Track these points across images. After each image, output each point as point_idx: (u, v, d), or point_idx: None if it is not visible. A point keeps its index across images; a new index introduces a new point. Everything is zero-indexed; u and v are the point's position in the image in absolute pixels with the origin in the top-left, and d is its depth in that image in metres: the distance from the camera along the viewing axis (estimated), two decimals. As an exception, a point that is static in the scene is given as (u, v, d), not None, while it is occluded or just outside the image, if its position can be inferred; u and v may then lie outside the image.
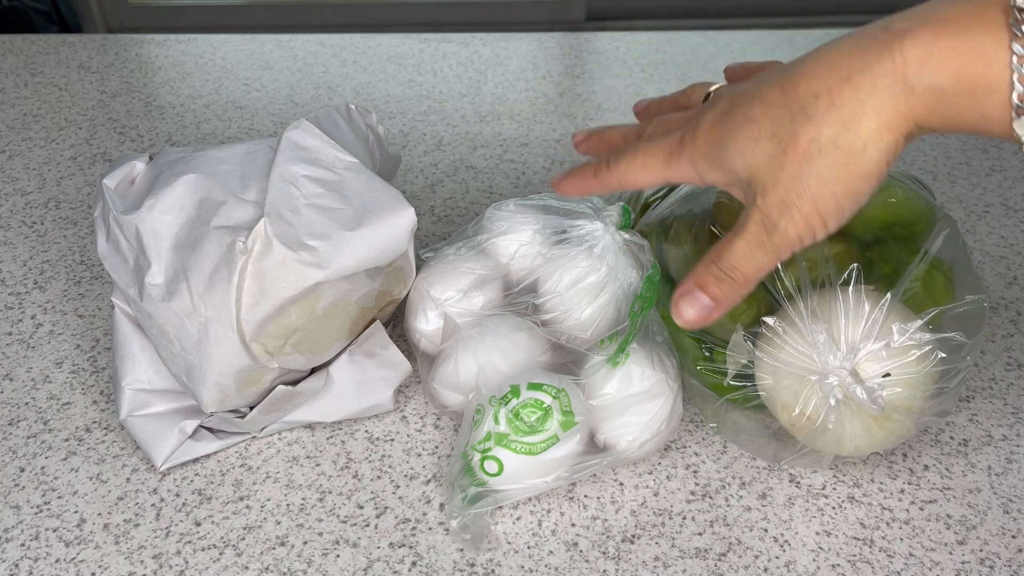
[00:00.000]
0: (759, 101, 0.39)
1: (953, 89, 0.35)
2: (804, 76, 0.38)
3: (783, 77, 0.39)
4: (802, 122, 0.38)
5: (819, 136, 0.37)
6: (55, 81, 0.93)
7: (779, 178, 0.38)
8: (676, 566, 0.48)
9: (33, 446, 0.54)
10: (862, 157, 0.37)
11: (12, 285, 0.66)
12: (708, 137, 0.41)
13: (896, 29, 0.36)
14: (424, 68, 0.95)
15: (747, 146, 0.39)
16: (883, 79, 0.36)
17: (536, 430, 0.48)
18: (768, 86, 0.39)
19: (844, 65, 0.37)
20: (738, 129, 0.40)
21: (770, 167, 0.39)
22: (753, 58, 0.95)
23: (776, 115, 0.38)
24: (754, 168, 0.39)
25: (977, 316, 0.49)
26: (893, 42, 0.36)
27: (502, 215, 0.56)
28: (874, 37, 0.37)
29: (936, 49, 0.35)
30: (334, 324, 0.53)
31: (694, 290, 0.41)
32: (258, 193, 0.52)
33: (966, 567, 0.48)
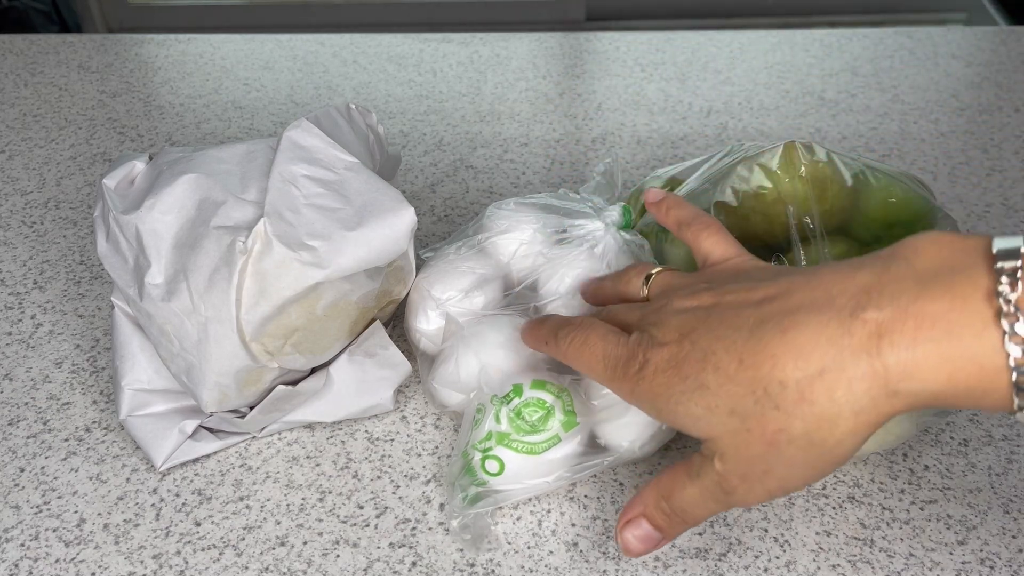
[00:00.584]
0: (713, 368, 0.36)
1: (944, 391, 0.32)
2: (765, 355, 0.34)
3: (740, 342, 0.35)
4: (768, 409, 0.34)
5: (789, 428, 0.34)
6: (55, 81, 0.93)
7: (741, 454, 0.36)
8: (676, 566, 0.48)
9: (33, 446, 0.54)
10: (837, 449, 0.34)
11: (12, 285, 0.66)
12: (654, 384, 0.38)
13: (870, 322, 0.33)
14: (424, 68, 0.95)
15: (701, 414, 0.36)
16: (861, 383, 0.33)
17: (538, 429, 0.48)
18: (723, 347, 0.36)
19: (813, 356, 0.33)
20: (689, 394, 0.36)
21: (731, 441, 0.36)
22: (753, 58, 0.95)
23: (735, 391, 0.35)
24: (711, 435, 0.37)
25: None
26: (869, 342, 0.33)
27: (502, 214, 0.56)
28: (844, 326, 0.33)
29: (920, 355, 0.32)
30: (334, 324, 0.53)
31: (640, 520, 0.40)
32: (258, 193, 0.52)
33: (966, 567, 0.48)
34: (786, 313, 0.35)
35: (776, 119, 0.85)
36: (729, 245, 0.45)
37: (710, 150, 0.73)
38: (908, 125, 0.85)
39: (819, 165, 0.51)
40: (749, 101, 0.88)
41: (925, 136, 0.83)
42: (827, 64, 0.95)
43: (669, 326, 0.39)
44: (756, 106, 0.87)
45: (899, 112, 0.87)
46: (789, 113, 0.86)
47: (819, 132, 0.83)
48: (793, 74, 0.93)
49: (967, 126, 0.85)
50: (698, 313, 0.38)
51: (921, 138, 0.83)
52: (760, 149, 0.53)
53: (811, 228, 0.50)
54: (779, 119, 0.85)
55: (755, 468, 0.36)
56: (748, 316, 0.36)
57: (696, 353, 0.37)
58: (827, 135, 0.83)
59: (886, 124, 0.85)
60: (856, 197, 0.52)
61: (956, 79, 0.92)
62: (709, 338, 0.37)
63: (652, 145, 0.81)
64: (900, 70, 0.94)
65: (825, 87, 0.91)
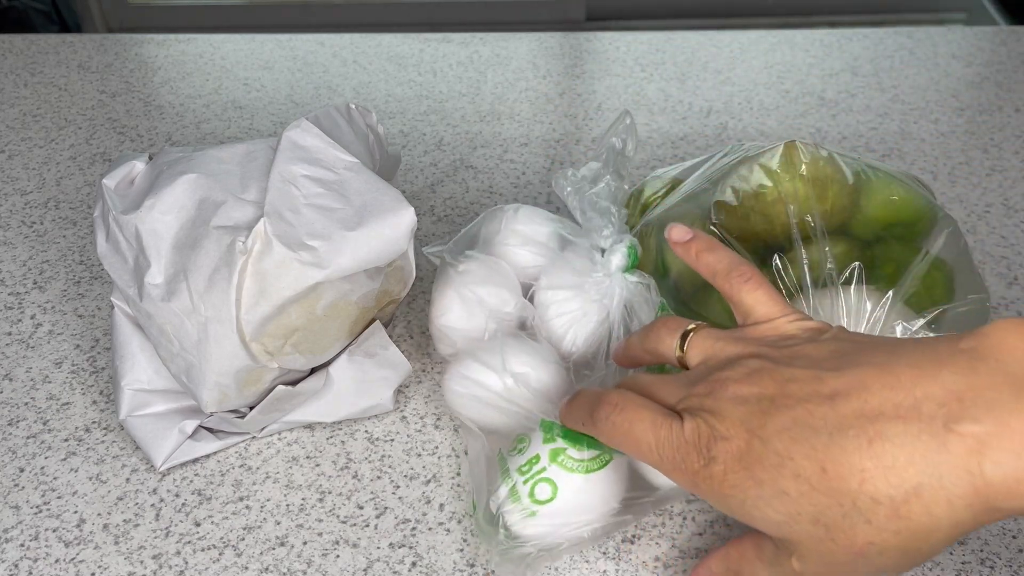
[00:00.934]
0: (792, 474, 0.33)
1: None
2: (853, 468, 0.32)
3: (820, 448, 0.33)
4: (859, 524, 0.32)
5: (882, 542, 0.32)
6: (55, 81, 0.92)
7: (825, 560, 0.34)
8: (676, 566, 0.48)
9: (32, 446, 0.54)
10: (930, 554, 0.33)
11: (12, 285, 0.66)
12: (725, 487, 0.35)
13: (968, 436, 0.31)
14: (424, 68, 0.95)
15: (782, 521, 0.34)
16: (961, 500, 0.31)
17: (591, 444, 0.46)
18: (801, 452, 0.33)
19: (907, 472, 0.31)
20: (767, 500, 0.34)
21: (814, 547, 0.34)
22: (753, 58, 0.95)
23: (820, 501, 0.33)
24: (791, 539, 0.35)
25: (979, 316, 0.49)
26: (969, 459, 0.31)
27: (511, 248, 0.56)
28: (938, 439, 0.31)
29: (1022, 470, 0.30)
30: (334, 324, 0.53)
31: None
32: (258, 193, 0.52)
33: (966, 567, 0.48)
34: (868, 420, 0.33)
35: (776, 119, 0.85)
36: (774, 303, 0.42)
37: (710, 150, 0.73)
38: (908, 125, 0.85)
39: (820, 164, 0.51)
40: (749, 101, 0.88)
41: (925, 136, 0.83)
42: (827, 64, 0.95)
43: (731, 417, 0.36)
44: (756, 106, 0.87)
45: (899, 112, 0.87)
46: (789, 113, 0.86)
47: (819, 132, 0.83)
48: (793, 74, 0.93)
49: (967, 126, 0.85)
50: (762, 404, 0.36)
51: (921, 138, 0.83)
52: (760, 149, 0.53)
53: (812, 227, 0.50)
54: (779, 119, 0.85)
55: (837, 572, 0.34)
56: (823, 416, 0.34)
57: (769, 456, 0.34)
58: (827, 135, 0.83)
59: (886, 124, 0.85)
60: (857, 196, 0.52)
61: (956, 79, 0.92)
62: (783, 439, 0.34)
63: (652, 145, 0.81)
64: (900, 70, 0.94)
65: (825, 87, 0.91)
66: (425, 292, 0.65)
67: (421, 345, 0.61)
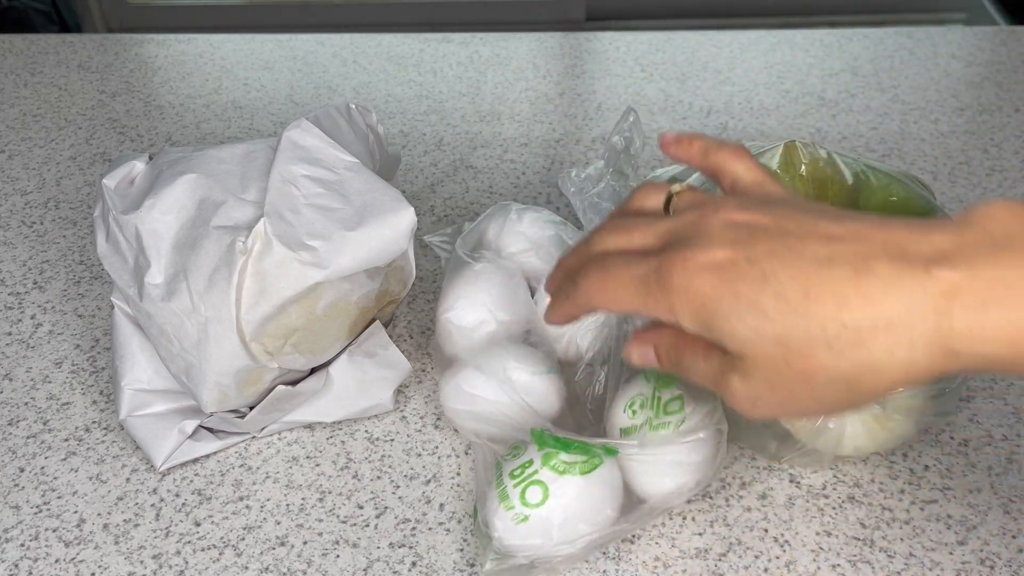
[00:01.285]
0: (774, 291, 0.34)
1: (1003, 356, 0.32)
2: (835, 293, 0.33)
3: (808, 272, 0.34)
4: (819, 348, 0.33)
5: (835, 370, 0.34)
6: (55, 81, 0.92)
7: (768, 378, 0.35)
8: (676, 566, 0.48)
9: (33, 446, 0.54)
10: (868, 396, 0.35)
11: (12, 285, 0.66)
12: (699, 296, 0.35)
13: (943, 281, 0.32)
14: (424, 68, 0.95)
15: (747, 336, 0.35)
16: (923, 340, 0.33)
17: (581, 449, 0.46)
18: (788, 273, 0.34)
19: (884, 305, 0.33)
20: (742, 313, 0.34)
21: (764, 363, 0.35)
22: (753, 58, 0.95)
23: (792, 323, 0.34)
24: (744, 353, 0.35)
25: None
26: (942, 303, 0.32)
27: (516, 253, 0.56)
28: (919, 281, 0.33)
29: (987, 319, 0.32)
30: (334, 324, 0.53)
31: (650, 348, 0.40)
32: (258, 193, 0.52)
33: (966, 567, 0.48)
34: (861, 257, 0.34)
35: (776, 119, 0.85)
36: (762, 171, 0.41)
37: (710, 150, 0.73)
38: (908, 125, 0.85)
39: (819, 164, 0.51)
40: (749, 101, 0.88)
41: (925, 136, 0.83)
42: (827, 64, 0.95)
43: (717, 237, 0.36)
44: (756, 106, 0.87)
45: (899, 112, 0.87)
46: (789, 113, 0.86)
47: (819, 132, 0.83)
48: (793, 74, 0.93)
49: (967, 126, 0.85)
50: (754, 230, 0.36)
51: (921, 138, 0.83)
52: (760, 149, 0.53)
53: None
54: (779, 119, 0.85)
55: (775, 395, 0.35)
56: (817, 249, 0.34)
57: (754, 272, 0.34)
58: (827, 135, 0.83)
59: (886, 124, 0.85)
60: (856, 196, 0.52)
61: (956, 79, 0.92)
62: (771, 260, 0.34)
63: (652, 145, 0.81)
64: (900, 70, 0.94)
65: (825, 87, 0.91)
66: (425, 292, 0.65)
67: (421, 345, 0.61)
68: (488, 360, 0.51)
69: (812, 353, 0.33)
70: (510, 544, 0.45)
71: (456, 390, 0.51)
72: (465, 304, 0.54)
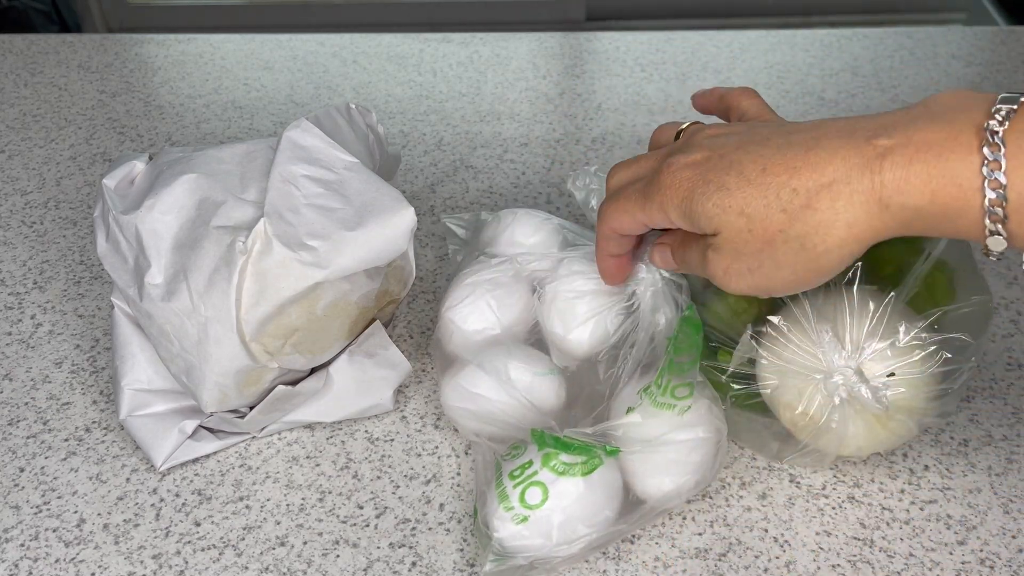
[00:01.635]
0: (737, 171, 0.40)
1: (927, 209, 0.37)
2: (786, 166, 0.39)
3: (767, 155, 0.40)
4: (775, 212, 0.39)
5: (787, 230, 0.39)
6: (55, 81, 0.92)
7: (736, 248, 0.41)
8: (676, 566, 0.48)
9: (33, 446, 0.54)
10: (824, 257, 0.39)
11: (12, 285, 0.66)
12: (678, 189, 0.42)
13: (880, 147, 0.38)
14: (424, 68, 0.95)
15: (714, 212, 0.41)
16: (860, 195, 0.38)
17: (582, 449, 0.46)
18: (749, 158, 0.40)
19: (827, 170, 0.38)
20: (710, 194, 0.41)
21: (733, 236, 0.41)
22: (753, 58, 0.95)
23: (751, 194, 0.40)
24: (717, 230, 0.41)
25: (982, 317, 0.49)
26: (875, 162, 0.37)
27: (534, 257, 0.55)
28: (858, 149, 0.38)
29: (912, 173, 0.37)
30: (334, 324, 0.53)
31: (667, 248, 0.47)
32: (258, 193, 0.52)
33: (966, 567, 0.48)
34: (813, 138, 0.40)
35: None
36: (764, 107, 0.49)
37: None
38: (908, 125, 0.85)
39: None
40: (749, 101, 0.88)
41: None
42: (827, 64, 0.95)
43: (700, 145, 0.43)
44: (756, 106, 0.87)
45: (899, 112, 0.87)
46: (789, 113, 0.86)
47: (819, 132, 0.83)
48: (793, 74, 0.93)
49: (967, 126, 0.85)
50: (730, 138, 0.42)
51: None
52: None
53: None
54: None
55: (742, 263, 0.41)
56: (778, 139, 0.41)
57: (722, 163, 0.41)
58: (827, 135, 0.83)
59: (886, 124, 0.85)
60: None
61: (956, 79, 0.92)
62: (738, 151, 0.41)
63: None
64: (900, 70, 0.94)
65: (825, 87, 0.91)
66: (425, 292, 0.65)
67: (421, 345, 0.61)
68: (489, 359, 0.51)
69: (769, 217, 0.39)
70: (509, 545, 0.45)
71: (457, 389, 0.51)
72: (468, 303, 0.54)
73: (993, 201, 0.35)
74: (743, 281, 0.42)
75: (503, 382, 0.50)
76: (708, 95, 0.52)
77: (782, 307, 0.49)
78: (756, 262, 0.40)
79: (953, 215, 0.37)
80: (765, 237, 0.40)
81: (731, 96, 0.50)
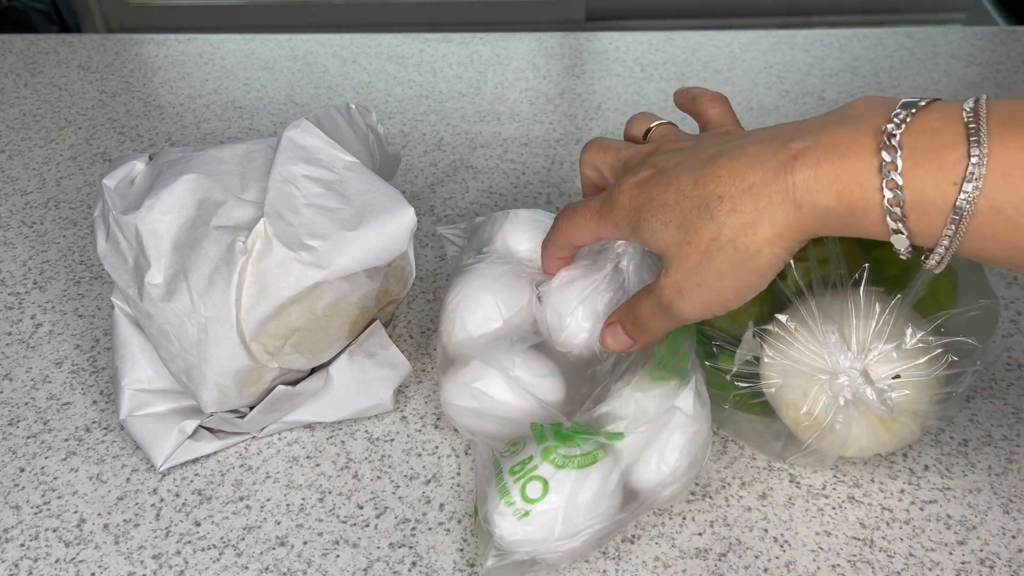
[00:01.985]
0: (675, 188, 0.43)
1: (835, 208, 0.39)
2: (714, 177, 0.41)
3: (698, 168, 0.42)
4: (706, 220, 0.41)
5: (719, 236, 0.41)
6: (55, 81, 0.93)
7: (681, 265, 0.42)
8: (676, 566, 0.48)
9: (33, 446, 0.54)
10: (758, 257, 0.41)
11: (12, 285, 0.66)
12: (627, 209, 0.44)
13: (794, 149, 0.40)
14: (424, 68, 0.95)
15: (658, 228, 0.43)
16: (777, 195, 0.40)
17: (583, 438, 0.46)
18: (685, 172, 0.43)
19: (748, 175, 0.40)
20: (653, 211, 0.43)
21: (676, 252, 0.42)
22: (753, 58, 0.95)
23: (686, 207, 0.42)
24: (663, 248, 0.43)
25: (988, 321, 0.49)
26: (788, 164, 0.39)
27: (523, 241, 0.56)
28: (775, 153, 0.40)
29: (820, 173, 0.39)
30: (334, 324, 0.53)
31: (616, 326, 0.48)
32: (258, 193, 0.52)
33: (966, 567, 0.48)
34: (739, 146, 0.42)
35: (776, 119, 0.85)
36: (728, 116, 0.51)
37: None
38: (908, 125, 0.85)
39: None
40: (749, 101, 0.88)
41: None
42: (827, 64, 0.95)
43: (648, 165, 0.45)
44: (756, 106, 0.87)
45: (899, 112, 0.87)
46: (789, 113, 0.86)
47: (819, 132, 0.83)
48: (793, 74, 0.93)
49: (967, 126, 0.85)
50: (673, 155, 0.45)
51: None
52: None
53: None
54: (779, 119, 0.85)
55: (690, 280, 0.42)
56: (710, 150, 0.43)
57: (663, 180, 0.43)
58: (827, 135, 0.83)
59: (886, 124, 0.85)
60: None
61: (956, 79, 0.92)
62: (677, 169, 0.43)
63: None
64: (900, 70, 0.94)
65: (825, 87, 0.91)
66: (425, 292, 0.65)
67: (421, 345, 0.61)
68: (491, 357, 0.51)
69: (702, 227, 0.41)
70: (511, 540, 0.45)
71: (459, 386, 0.51)
72: (471, 302, 0.53)
73: (891, 200, 0.37)
74: (696, 298, 0.43)
75: (505, 378, 0.50)
76: (685, 95, 0.53)
77: (788, 306, 0.49)
78: (701, 276, 0.42)
79: (859, 214, 0.38)
80: (701, 247, 0.41)
81: (701, 102, 0.51)
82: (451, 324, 0.54)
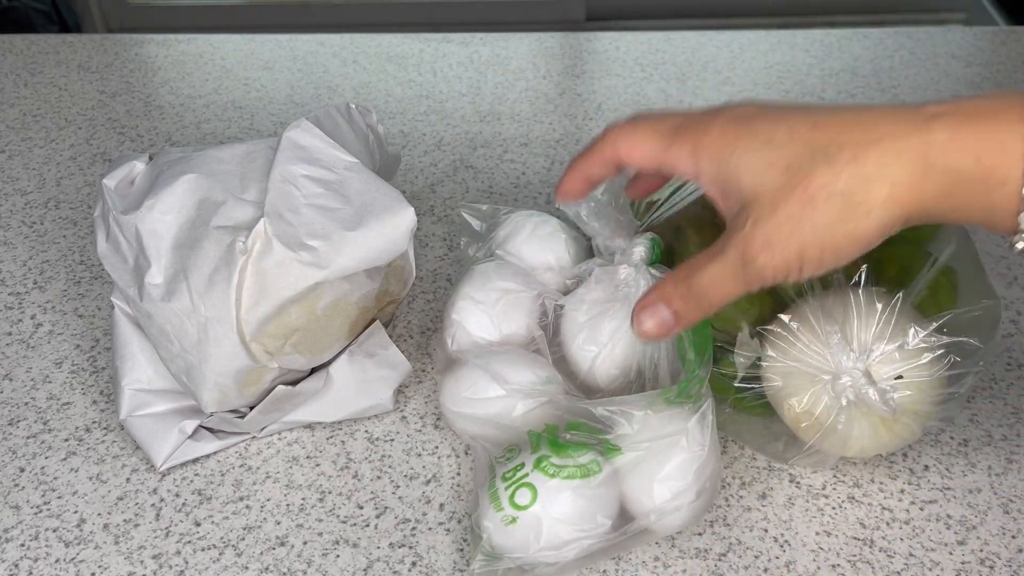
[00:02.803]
0: (787, 127, 0.39)
1: (970, 172, 0.36)
2: (836, 125, 0.39)
3: (814, 117, 0.39)
4: (821, 165, 0.38)
5: (833, 184, 0.37)
6: (55, 81, 0.92)
7: (775, 214, 0.38)
8: (676, 566, 0.48)
9: (33, 446, 0.54)
10: (864, 220, 0.38)
11: (12, 285, 0.66)
12: (723, 136, 0.40)
13: (929, 112, 0.38)
14: (424, 68, 0.95)
15: (758, 168, 0.39)
16: (908, 152, 0.37)
17: (577, 451, 0.46)
18: (798, 117, 0.39)
19: (878, 127, 0.38)
20: (757, 147, 0.39)
21: (772, 199, 0.38)
22: (753, 58, 0.95)
23: (798, 149, 0.38)
24: (757, 193, 0.39)
25: (991, 322, 0.49)
26: (926, 122, 0.37)
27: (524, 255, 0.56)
28: (908, 112, 0.38)
29: (960, 134, 0.37)
30: (334, 324, 0.53)
31: (658, 303, 0.41)
32: (258, 193, 0.52)
33: (966, 567, 0.48)
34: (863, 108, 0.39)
35: (776, 119, 0.85)
36: None
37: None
38: (908, 125, 0.85)
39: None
40: (749, 101, 0.88)
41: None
42: (827, 64, 0.95)
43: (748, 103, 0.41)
44: (756, 106, 0.87)
45: (899, 112, 0.87)
46: (789, 113, 0.86)
47: (819, 132, 0.83)
48: (793, 74, 0.93)
49: (967, 126, 0.85)
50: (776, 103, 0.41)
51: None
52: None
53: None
54: (779, 119, 0.85)
55: (783, 230, 0.38)
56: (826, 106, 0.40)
57: (772, 116, 0.40)
58: (827, 135, 0.83)
59: (886, 124, 0.85)
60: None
61: (956, 79, 0.92)
62: (789, 110, 0.40)
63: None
64: (900, 70, 0.94)
65: (825, 87, 0.91)
66: (425, 292, 0.65)
67: (421, 345, 0.61)
68: (491, 363, 0.51)
69: (815, 172, 0.38)
70: (498, 545, 0.45)
71: (457, 390, 0.51)
72: (474, 305, 0.54)
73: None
74: (783, 253, 0.38)
75: (503, 384, 0.50)
76: None
77: (789, 305, 0.49)
78: (795, 225, 0.38)
79: (994, 183, 0.36)
80: (807, 194, 0.38)
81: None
82: (453, 328, 0.54)
